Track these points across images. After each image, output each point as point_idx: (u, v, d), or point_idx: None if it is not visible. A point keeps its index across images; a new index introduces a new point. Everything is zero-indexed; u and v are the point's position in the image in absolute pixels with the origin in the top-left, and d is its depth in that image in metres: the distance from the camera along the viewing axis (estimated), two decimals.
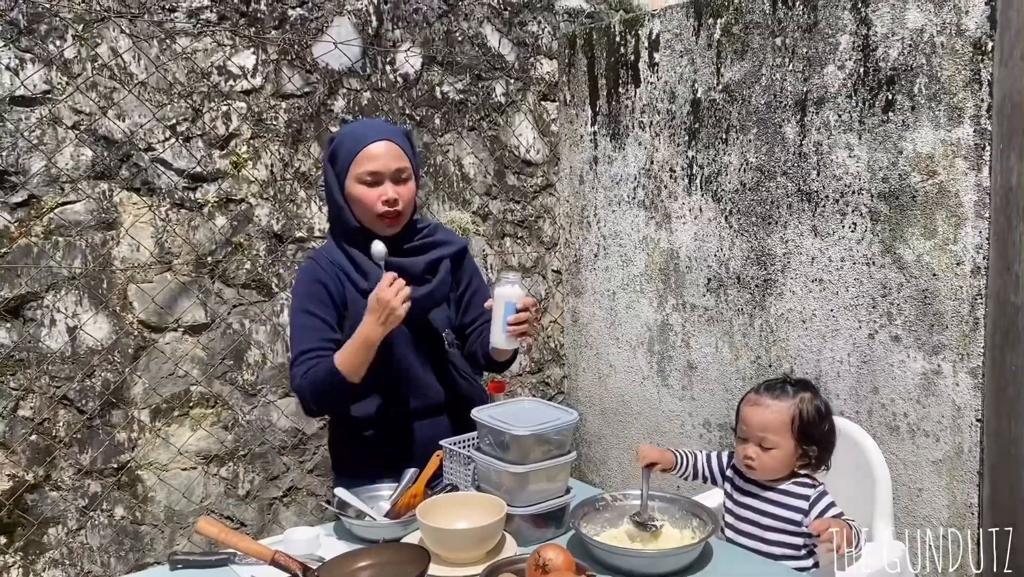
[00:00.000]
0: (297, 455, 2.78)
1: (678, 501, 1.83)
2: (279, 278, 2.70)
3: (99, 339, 2.46)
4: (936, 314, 2.14)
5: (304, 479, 2.79)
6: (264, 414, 2.70)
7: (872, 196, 2.26)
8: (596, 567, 1.62)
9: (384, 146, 1.88)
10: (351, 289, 1.91)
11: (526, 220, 3.32)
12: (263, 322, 2.68)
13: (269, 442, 2.70)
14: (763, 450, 1.85)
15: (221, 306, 2.61)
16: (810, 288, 2.43)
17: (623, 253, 3.08)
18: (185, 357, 2.57)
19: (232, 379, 2.64)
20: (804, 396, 1.88)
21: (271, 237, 2.67)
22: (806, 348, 2.46)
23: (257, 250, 2.65)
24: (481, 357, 2.01)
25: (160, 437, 2.57)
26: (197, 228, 2.57)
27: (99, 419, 2.45)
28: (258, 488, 2.71)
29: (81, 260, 2.41)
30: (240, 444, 2.66)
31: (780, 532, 1.86)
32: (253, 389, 2.68)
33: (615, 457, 3.19)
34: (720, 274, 2.70)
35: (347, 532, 1.80)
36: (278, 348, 2.72)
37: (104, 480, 2.47)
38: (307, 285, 1.90)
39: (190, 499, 2.59)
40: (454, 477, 1.91)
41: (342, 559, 1.49)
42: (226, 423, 2.64)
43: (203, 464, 2.61)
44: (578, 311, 3.30)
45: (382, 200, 1.87)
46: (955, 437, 2.12)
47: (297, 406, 2.70)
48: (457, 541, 1.64)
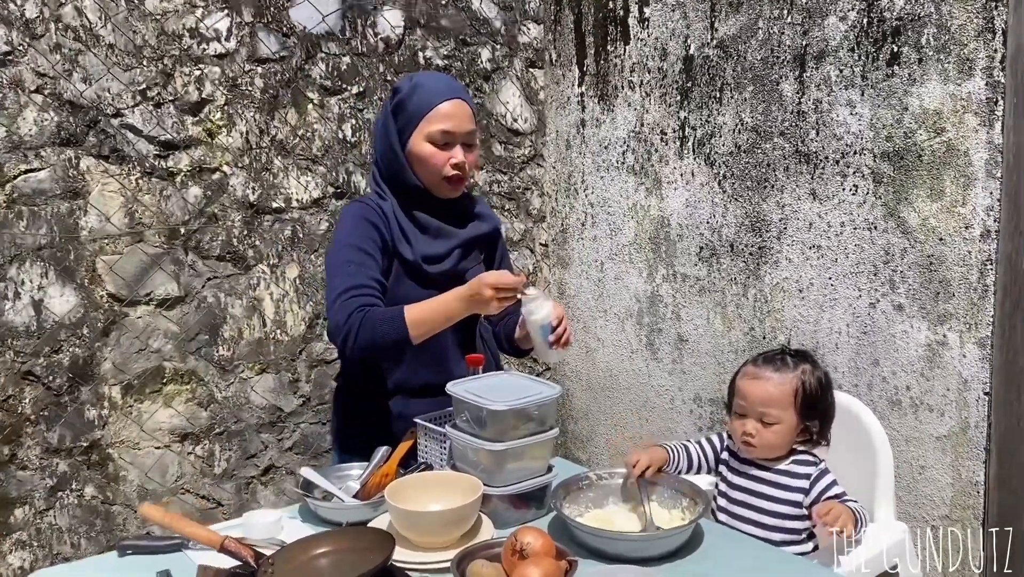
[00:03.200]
0: (275, 433, 2.73)
1: (666, 480, 1.74)
2: (255, 250, 2.64)
3: (66, 313, 2.39)
4: (942, 281, 2.03)
5: (283, 457, 2.75)
6: (241, 391, 2.66)
7: (875, 156, 2.14)
8: (579, 551, 1.53)
9: (458, 106, 1.81)
10: (401, 245, 1.83)
11: (513, 192, 3.24)
12: (239, 296, 2.62)
13: (246, 420, 2.66)
14: (764, 426, 1.75)
15: (195, 279, 2.55)
16: (807, 255, 2.32)
17: (612, 222, 2.96)
18: (157, 332, 2.51)
19: (207, 355, 2.59)
20: (805, 367, 1.79)
21: (247, 208, 2.61)
22: (802, 319, 2.35)
23: (232, 221, 2.59)
24: (505, 342, 1.98)
25: (132, 414, 2.52)
26: (169, 198, 2.49)
27: (67, 396, 2.39)
28: (235, 467, 2.67)
29: (47, 230, 2.34)
30: (216, 421, 2.62)
31: (779, 516, 1.76)
32: (229, 365, 2.63)
33: (602, 434, 3.10)
34: (713, 242, 2.59)
35: (313, 515, 1.71)
36: (255, 323, 2.67)
37: (73, 459, 2.42)
38: (356, 221, 1.82)
39: (164, 478, 2.55)
40: (429, 456, 1.82)
41: (300, 545, 1.38)
42: (201, 400, 2.60)
43: (177, 442, 2.57)
44: (565, 283, 3.19)
45: (451, 163, 1.81)
46: (961, 412, 2.02)
47: (276, 381, 2.70)
48: (427, 524, 1.55)
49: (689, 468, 1.89)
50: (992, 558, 1.98)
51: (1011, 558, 1.94)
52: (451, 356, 1.87)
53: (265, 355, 2.68)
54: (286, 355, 2.73)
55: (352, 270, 1.76)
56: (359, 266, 1.76)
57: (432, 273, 1.84)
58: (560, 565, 1.41)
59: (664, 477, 1.75)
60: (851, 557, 1.69)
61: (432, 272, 1.84)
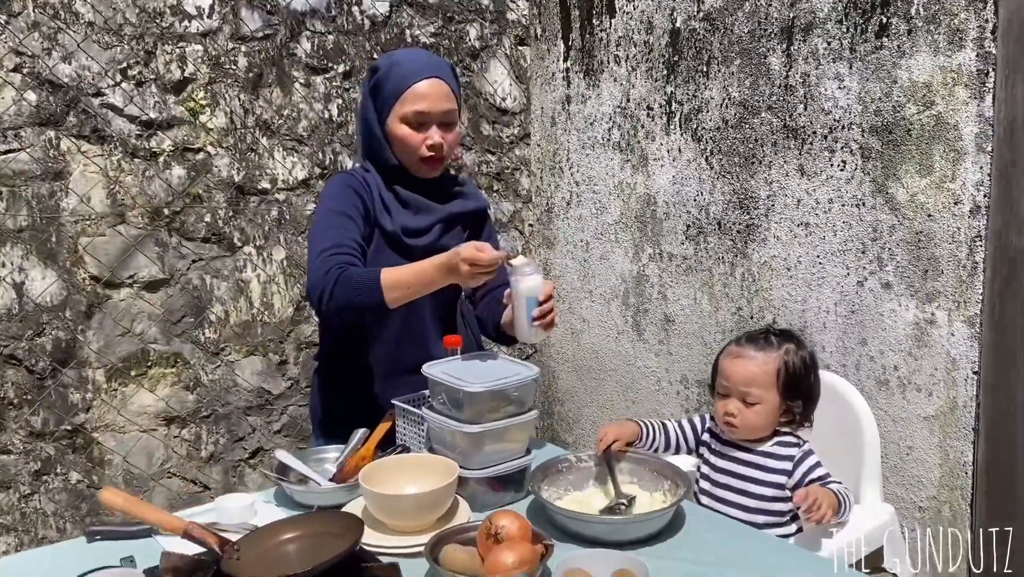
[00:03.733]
0: (263, 416, 2.72)
1: (647, 461, 1.72)
2: (241, 232, 2.62)
3: (49, 295, 2.37)
4: (931, 259, 1.99)
5: (271, 440, 2.73)
6: (228, 374, 2.65)
7: (863, 131, 2.10)
8: (557, 534, 1.50)
9: (433, 84, 1.78)
10: (382, 216, 1.82)
11: (502, 172, 3.21)
12: (225, 278, 2.60)
13: (233, 403, 2.65)
14: (746, 406, 1.73)
15: (179, 261, 2.53)
16: (795, 233, 2.28)
17: (597, 200, 2.92)
18: (141, 315, 2.50)
19: (193, 337, 2.58)
20: (789, 347, 1.76)
21: (232, 189, 2.59)
22: (790, 298, 2.31)
23: (217, 202, 2.57)
24: (491, 328, 1.95)
25: (116, 398, 2.50)
26: (152, 179, 2.46)
27: (50, 379, 2.37)
28: (222, 450, 2.66)
29: (27, 212, 2.31)
30: (203, 405, 2.61)
31: (762, 498, 1.73)
32: (215, 348, 2.62)
33: (588, 416, 3.08)
34: (700, 220, 2.55)
35: (288, 499, 1.68)
36: (241, 305, 2.65)
37: (58, 443, 2.41)
38: (340, 189, 1.81)
39: (150, 462, 2.54)
40: (406, 438, 1.79)
41: (267, 530, 1.35)
42: (187, 383, 2.59)
43: (163, 426, 2.55)
44: (550, 263, 3.16)
45: (427, 145, 1.79)
46: (949, 391, 1.99)
47: (263, 364, 2.69)
48: (402, 508, 1.53)
49: (667, 447, 1.86)
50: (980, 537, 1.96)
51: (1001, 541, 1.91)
52: (432, 337, 1.84)
53: (252, 337, 2.66)
54: (273, 337, 2.71)
55: (333, 232, 1.75)
56: (340, 228, 1.75)
57: (413, 246, 1.82)
58: (536, 549, 1.38)
59: (635, 456, 1.72)
60: (835, 540, 1.67)
61: (413, 245, 1.82)
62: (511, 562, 1.32)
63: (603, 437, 1.74)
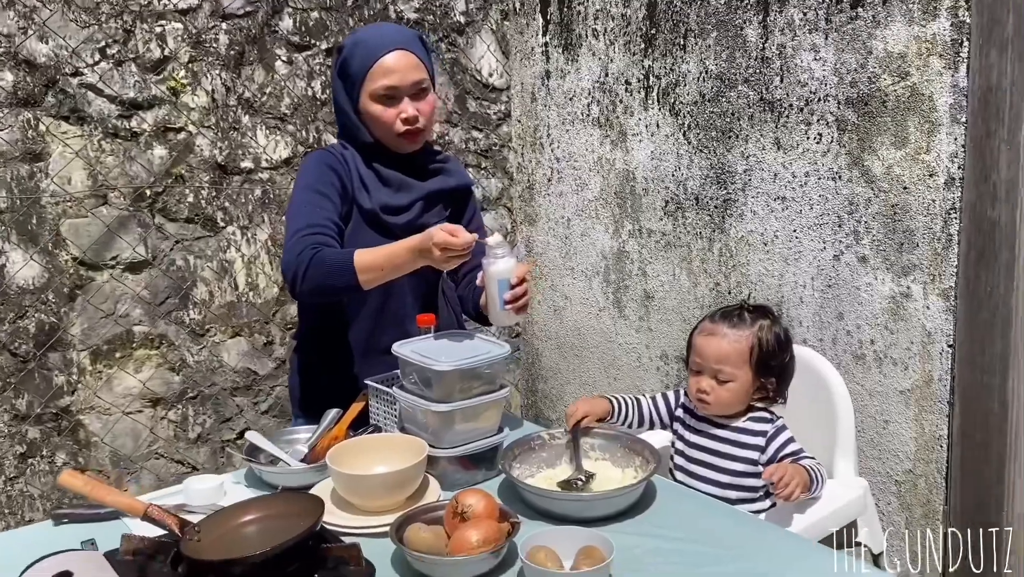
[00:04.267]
0: (250, 396, 2.72)
1: (619, 438, 1.71)
2: (224, 212, 2.60)
3: (31, 278, 2.36)
4: (906, 231, 1.97)
5: (259, 420, 2.73)
6: (213, 354, 2.64)
7: (839, 103, 2.07)
8: (527, 512, 1.50)
9: (400, 57, 1.75)
10: (360, 193, 1.80)
11: (490, 149, 3.17)
12: (209, 259, 2.59)
13: (219, 384, 2.65)
14: (719, 383, 1.72)
15: (163, 242, 2.52)
16: (772, 207, 2.26)
17: (577, 176, 2.90)
18: (125, 296, 2.49)
19: (178, 318, 2.57)
20: (763, 323, 1.74)
21: (215, 168, 2.57)
22: (767, 273, 2.30)
23: (200, 182, 2.55)
24: (472, 308, 1.92)
25: (101, 380, 2.50)
26: (133, 159, 2.45)
27: (34, 362, 2.37)
28: (210, 431, 2.66)
29: (7, 193, 2.30)
30: (189, 386, 2.61)
31: (735, 474, 1.72)
32: (201, 329, 2.61)
33: (571, 393, 3.07)
34: (678, 196, 2.53)
35: (258, 480, 1.68)
36: (225, 286, 2.64)
37: (43, 425, 2.41)
38: (317, 167, 1.79)
39: (137, 443, 2.53)
40: (379, 418, 1.79)
41: (228, 512, 1.35)
42: (173, 364, 2.58)
43: (149, 407, 2.55)
44: (532, 240, 3.14)
45: (401, 119, 1.76)
46: (924, 365, 1.98)
47: (248, 344, 2.68)
48: (369, 487, 1.53)
49: (641, 422, 1.85)
50: (953, 512, 1.96)
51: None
52: (411, 317, 1.82)
53: (237, 318, 2.65)
54: (259, 318, 2.71)
55: (308, 211, 1.72)
56: (316, 207, 1.73)
57: (392, 224, 1.80)
58: (502, 527, 1.38)
59: (607, 432, 1.71)
60: (807, 514, 1.67)
61: (391, 223, 1.80)
62: (476, 540, 1.32)
63: (573, 413, 1.73)
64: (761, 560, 1.36)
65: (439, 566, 1.32)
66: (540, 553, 1.30)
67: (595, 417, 1.74)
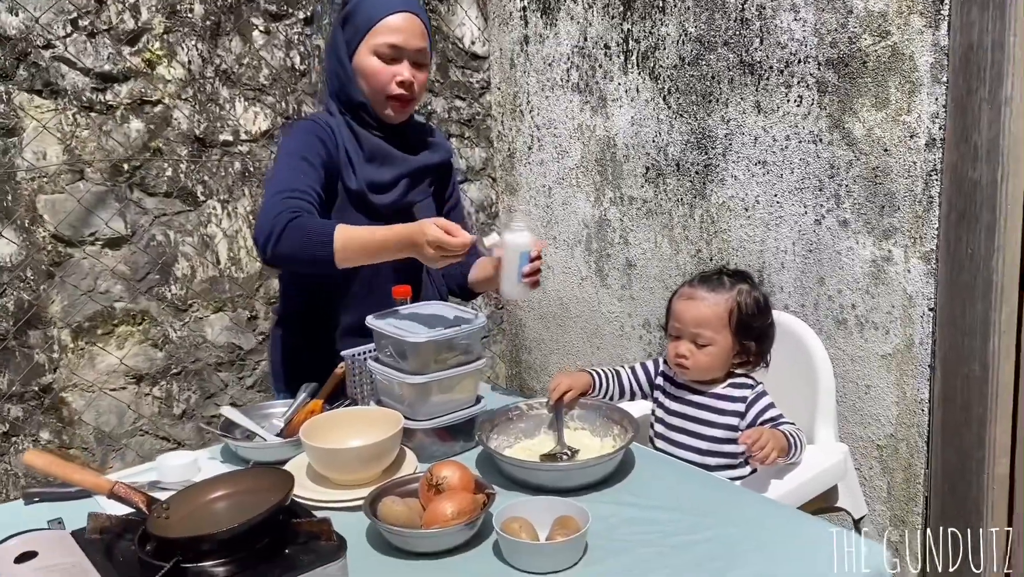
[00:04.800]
0: (235, 371, 2.71)
1: (598, 408, 1.70)
2: (204, 186, 2.57)
3: (7, 255, 2.32)
4: (887, 194, 1.95)
5: (244, 395, 2.72)
6: (197, 330, 2.62)
7: (819, 64, 2.03)
8: (505, 483, 1.49)
9: (408, 19, 1.71)
10: (346, 171, 1.73)
11: (473, 119, 3.13)
12: (189, 233, 2.56)
13: (203, 359, 2.63)
14: (698, 348, 1.70)
15: (142, 217, 2.48)
16: (753, 172, 2.23)
17: (558, 144, 2.86)
18: (105, 272, 2.45)
19: (159, 294, 2.54)
20: (742, 288, 1.72)
21: (193, 141, 2.53)
22: (748, 238, 2.27)
23: (179, 156, 2.51)
24: (456, 284, 1.91)
25: (84, 357, 2.48)
26: (110, 133, 2.40)
27: (15, 340, 2.34)
28: (195, 407, 2.65)
29: None
30: (172, 362, 2.59)
31: (715, 440, 1.71)
32: (183, 304, 2.59)
33: (555, 363, 3.06)
34: (659, 162, 2.49)
35: (233, 455, 1.66)
36: (208, 260, 2.62)
37: (26, 404, 2.39)
38: (305, 136, 1.71)
39: (121, 420, 2.52)
40: (356, 391, 1.76)
41: (197, 488, 1.32)
42: (155, 340, 2.56)
43: (133, 384, 2.54)
44: (514, 210, 3.10)
45: (397, 80, 1.71)
46: (906, 329, 1.96)
47: (232, 320, 2.66)
48: (343, 461, 1.51)
49: (622, 394, 1.84)
50: (934, 475, 1.96)
51: (954, 485, 1.91)
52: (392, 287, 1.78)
53: (220, 293, 2.63)
54: (242, 292, 2.68)
55: (291, 176, 1.64)
56: (300, 173, 1.65)
57: (378, 204, 1.75)
58: (476, 498, 1.37)
59: (586, 402, 1.70)
60: (786, 480, 1.66)
61: (378, 203, 1.75)
62: (450, 512, 1.31)
63: (555, 387, 1.71)
64: (737, 527, 1.34)
65: (413, 539, 1.31)
66: (515, 524, 1.28)
67: (577, 391, 1.72)
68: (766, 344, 1.74)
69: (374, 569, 1.28)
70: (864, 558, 1.26)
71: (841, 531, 1.33)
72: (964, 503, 1.89)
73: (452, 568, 1.27)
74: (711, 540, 1.31)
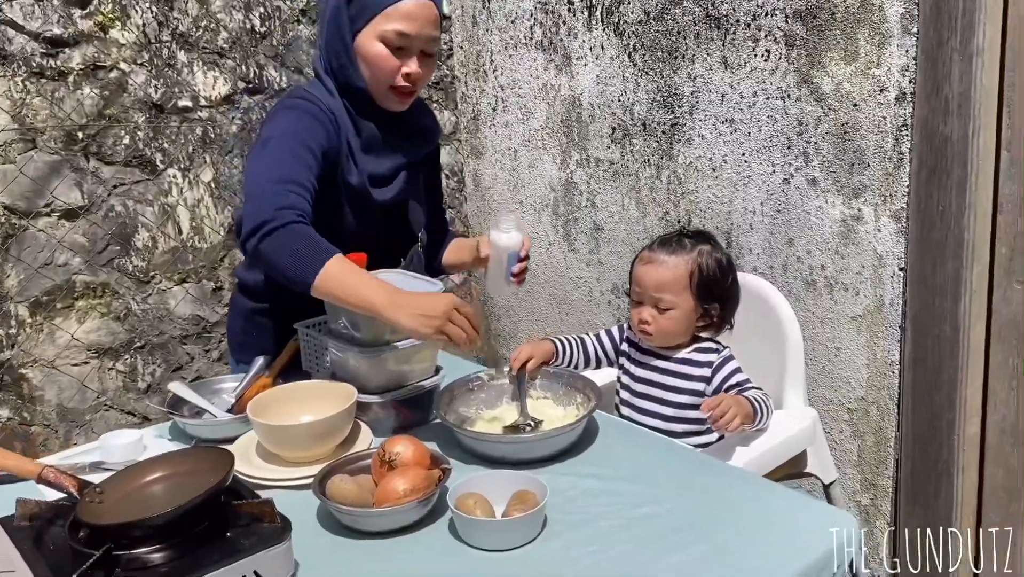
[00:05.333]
0: (201, 344, 2.66)
1: (560, 376, 1.65)
2: (164, 154, 2.49)
3: None
4: (857, 151, 1.89)
5: (211, 368, 2.68)
6: (160, 302, 2.56)
7: (787, 16, 1.97)
8: (465, 457, 1.45)
9: (424, 7, 1.55)
10: (347, 164, 1.59)
11: (441, 82, 3.05)
12: (150, 203, 2.49)
13: (168, 332, 2.58)
14: (660, 312, 1.65)
15: (99, 187, 2.40)
16: (720, 130, 2.16)
17: (522, 105, 2.78)
18: (63, 245, 2.38)
19: (120, 266, 2.47)
20: (703, 248, 1.68)
21: (150, 108, 2.44)
22: (716, 199, 2.22)
23: (136, 123, 2.43)
24: (432, 271, 1.83)
25: (43, 332, 2.41)
26: (63, 100, 2.31)
27: None
28: (160, 380, 2.60)
29: None
30: (136, 335, 2.53)
31: (680, 407, 1.67)
32: (145, 276, 2.53)
33: (525, 330, 3.01)
34: (625, 122, 2.43)
35: (182, 433, 1.60)
36: (169, 231, 2.54)
37: None
38: (307, 119, 1.54)
39: (84, 396, 2.46)
40: (310, 364, 1.70)
41: (133, 470, 1.25)
42: (118, 313, 2.50)
43: (95, 358, 2.48)
44: (479, 174, 3.02)
45: (403, 73, 1.57)
46: (876, 289, 1.92)
47: (197, 291, 2.61)
48: (293, 438, 1.45)
49: (587, 362, 1.79)
50: (904, 438, 1.93)
51: (927, 444, 1.88)
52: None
53: (183, 264, 2.57)
54: (206, 263, 2.61)
55: (294, 165, 1.48)
56: (301, 163, 1.49)
57: (376, 200, 1.63)
58: (431, 474, 1.32)
59: (548, 371, 1.66)
60: (752, 447, 1.62)
61: (379, 198, 1.63)
62: (403, 489, 1.26)
63: (516, 357, 1.66)
64: (701, 497, 1.31)
65: (363, 518, 1.26)
66: (470, 500, 1.24)
67: (539, 360, 1.67)
68: (730, 306, 1.70)
69: (324, 550, 1.23)
70: (832, 526, 1.23)
71: (809, 499, 1.29)
72: (936, 465, 1.87)
73: (406, 547, 1.23)
74: (674, 511, 1.27)
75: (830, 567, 1.18)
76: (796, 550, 1.17)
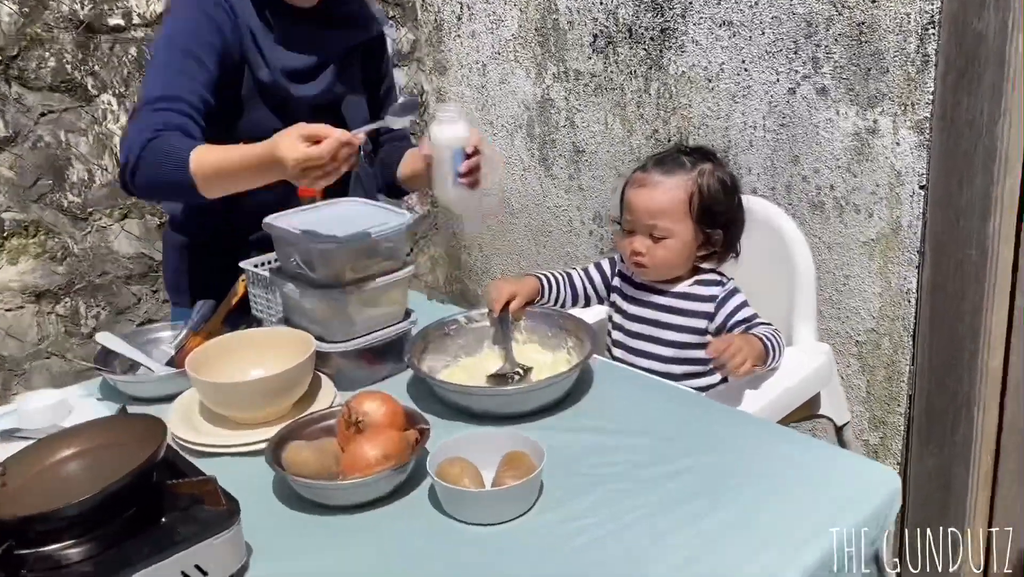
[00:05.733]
0: (148, 284, 2.53)
1: (549, 316, 1.49)
2: (96, 77, 2.31)
3: None
4: (874, 54, 1.70)
5: (161, 309, 2.53)
6: (101, 240, 2.41)
7: None
8: (444, 411, 1.30)
9: None
10: (254, 57, 1.48)
11: None
12: (82, 132, 2.33)
13: (111, 272, 2.44)
14: (654, 241, 1.49)
15: (24, 116, 2.24)
16: (717, 35, 1.96)
17: (491, 11, 2.54)
18: None
19: (54, 202, 2.33)
20: (704, 168, 1.51)
21: (78, 27, 2.26)
22: (712, 114, 2.03)
23: (62, 44, 2.25)
24: (383, 184, 1.73)
25: None
26: None
27: None
28: (105, 324, 2.46)
29: None
30: (76, 276, 2.40)
31: (680, 346, 1.52)
32: (83, 213, 2.38)
33: (498, 265, 2.84)
34: (608, 28, 2.21)
35: (114, 391, 1.43)
36: (107, 162, 2.38)
37: None
38: (195, 15, 1.44)
39: (23, 342, 2.33)
40: (261, 310, 1.52)
41: (45, 445, 1.06)
42: (54, 253, 2.36)
43: (32, 302, 2.34)
44: (444, 92, 2.81)
45: None
46: (892, 210, 1.76)
47: (140, 228, 2.47)
48: (241, 397, 1.30)
49: (575, 300, 1.64)
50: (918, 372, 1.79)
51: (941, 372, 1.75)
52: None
53: (124, 199, 2.40)
54: None
55: (167, 76, 1.42)
56: (179, 72, 1.42)
57: (299, 96, 1.50)
58: (406, 436, 1.15)
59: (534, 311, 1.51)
60: (763, 390, 1.47)
61: (299, 95, 1.50)
62: (373, 456, 1.10)
63: (497, 295, 1.49)
64: (718, 453, 1.16)
65: (327, 491, 1.10)
66: (454, 467, 1.08)
67: (523, 299, 1.52)
68: (734, 232, 1.54)
69: (284, 528, 1.07)
70: (874, 483, 1.08)
71: (842, 452, 1.14)
72: (955, 399, 1.74)
73: (379, 523, 1.07)
74: (689, 470, 1.12)
75: (877, 528, 1.03)
76: (832, 515, 1.02)
